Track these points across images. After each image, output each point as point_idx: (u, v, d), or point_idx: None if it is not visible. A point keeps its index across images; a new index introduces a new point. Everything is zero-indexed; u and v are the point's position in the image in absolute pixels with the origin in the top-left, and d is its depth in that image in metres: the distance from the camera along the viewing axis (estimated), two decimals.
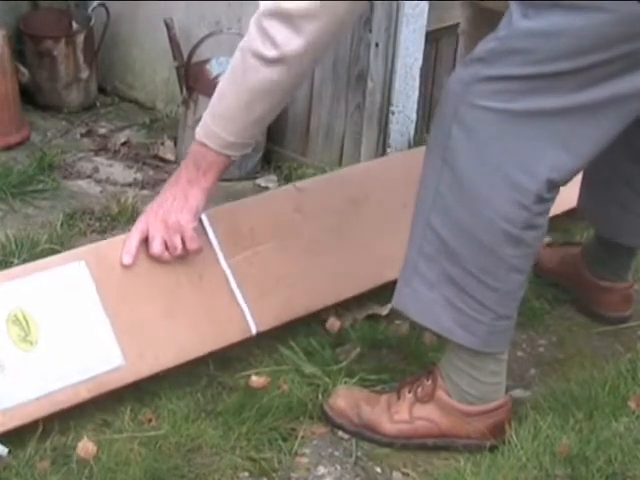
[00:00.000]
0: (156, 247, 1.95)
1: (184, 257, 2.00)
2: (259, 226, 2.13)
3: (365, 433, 1.93)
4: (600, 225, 2.29)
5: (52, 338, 1.87)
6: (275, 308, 2.10)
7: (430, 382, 1.90)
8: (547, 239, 2.35)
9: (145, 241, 1.97)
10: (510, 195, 1.74)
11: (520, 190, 1.73)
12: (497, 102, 1.72)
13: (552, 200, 1.79)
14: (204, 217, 2.04)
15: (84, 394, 1.86)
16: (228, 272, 2.07)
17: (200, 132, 1.90)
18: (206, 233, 2.05)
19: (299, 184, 2.28)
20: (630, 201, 2.17)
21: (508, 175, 1.73)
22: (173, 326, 1.98)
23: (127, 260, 1.95)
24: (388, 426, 1.91)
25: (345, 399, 1.95)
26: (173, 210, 1.94)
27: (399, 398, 1.92)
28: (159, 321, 1.97)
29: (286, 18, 1.73)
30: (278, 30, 1.74)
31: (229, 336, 2.04)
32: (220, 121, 1.86)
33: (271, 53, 1.76)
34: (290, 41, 1.74)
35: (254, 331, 2.06)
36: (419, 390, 1.91)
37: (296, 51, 1.75)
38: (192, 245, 1.97)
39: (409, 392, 1.92)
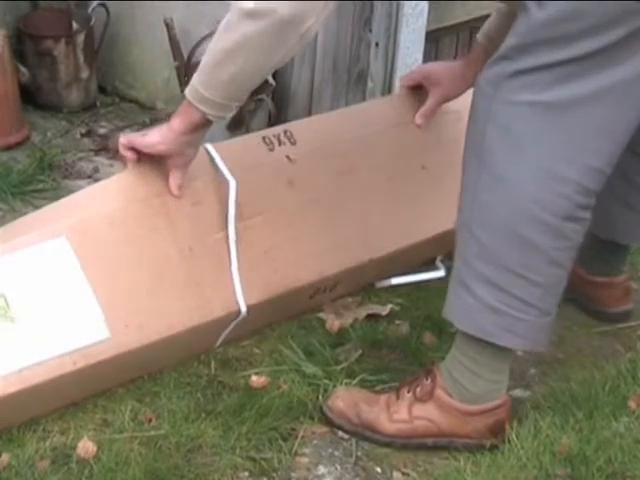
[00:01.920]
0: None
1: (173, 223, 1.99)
2: (248, 200, 2.10)
3: (364, 433, 1.93)
4: (596, 223, 2.27)
5: (34, 314, 1.85)
6: (263, 281, 2.08)
7: (429, 381, 1.90)
8: None
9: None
10: (549, 185, 1.73)
11: (559, 179, 1.72)
12: (528, 95, 1.71)
13: (595, 194, 1.77)
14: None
15: (70, 366, 1.83)
16: (231, 240, 2.04)
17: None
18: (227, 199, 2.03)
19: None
20: (628, 196, 2.15)
21: (547, 166, 1.72)
22: (159, 298, 1.95)
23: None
24: (387, 425, 1.91)
25: (344, 399, 1.95)
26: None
27: (398, 398, 1.92)
28: (145, 293, 1.95)
29: None
30: None
31: (216, 310, 2.01)
32: (198, 74, 1.84)
33: (249, 5, 1.73)
34: None
35: (243, 309, 2.03)
36: (418, 389, 1.91)
37: (270, 6, 1.71)
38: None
39: (408, 392, 1.92)
